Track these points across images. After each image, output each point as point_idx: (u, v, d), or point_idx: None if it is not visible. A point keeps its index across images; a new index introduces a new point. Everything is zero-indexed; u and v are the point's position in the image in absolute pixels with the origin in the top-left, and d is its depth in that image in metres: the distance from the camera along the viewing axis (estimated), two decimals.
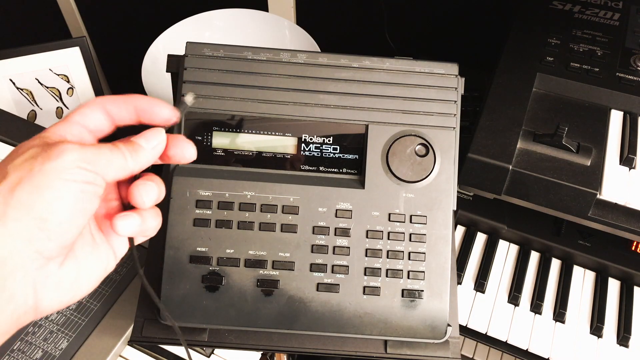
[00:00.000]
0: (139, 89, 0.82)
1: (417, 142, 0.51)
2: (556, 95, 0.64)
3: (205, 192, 0.50)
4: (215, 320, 0.49)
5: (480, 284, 0.69)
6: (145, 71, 0.80)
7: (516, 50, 0.68)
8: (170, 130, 0.37)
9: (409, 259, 0.50)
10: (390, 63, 0.52)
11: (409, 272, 0.50)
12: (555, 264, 0.71)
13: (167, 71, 0.53)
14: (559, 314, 0.66)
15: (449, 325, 0.50)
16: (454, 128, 0.52)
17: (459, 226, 0.75)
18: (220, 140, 0.51)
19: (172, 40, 0.84)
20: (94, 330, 0.56)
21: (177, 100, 0.52)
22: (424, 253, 0.50)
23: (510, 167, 0.57)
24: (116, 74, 1.15)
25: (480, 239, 0.74)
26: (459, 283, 0.69)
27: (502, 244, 0.74)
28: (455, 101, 0.52)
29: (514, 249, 0.73)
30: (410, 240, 0.50)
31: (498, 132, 0.59)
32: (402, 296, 0.50)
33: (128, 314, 0.57)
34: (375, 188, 0.51)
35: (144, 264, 0.53)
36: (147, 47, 0.82)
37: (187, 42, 0.52)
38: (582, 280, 0.70)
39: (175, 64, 0.52)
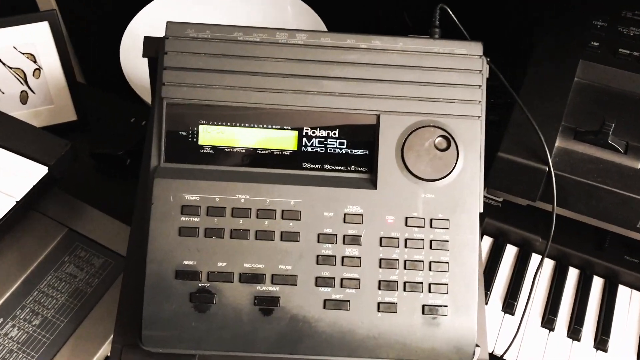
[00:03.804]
0: (117, 72, 0.84)
1: (437, 133, 0.54)
2: (601, 86, 0.65)
3: (192, 196, 0.52)
4: (205, 345, 0.50)
5: (509, 305, 0.70)
6: (124, 52, 0.81)
7: (555, 33, 0.69)
8: (149, 125, 0.39)
9: (430, 269, 0.53)
10: (404, 43, 0.55)
11: (430, 284, 0.52)
12: (597, 283, 0.72)
13: (144, 56, 0.56)
14: (601, 341, 0.67)
15: (477, 345, 0.52)
16: (479, 117, 0.55)
17: (485, 237, 0.77)
18: (208, 135, 0.54)
19: (156, 15, 0.85)
20: (60, 350, 0.57)
21: (157, 90, 0.54)
22: (447, 262, 0.53)
23: (547, 168, 0.59)
24: (91, 54, 1.14)
25: (510, 252, 0.75)
26: (485, 303, 0.71)
27: (536, 259, 0.75)
28: (480, 86, 0.55)
29: (549, 264, 0.74)
30: (430, 248, 0.53)
31: (533, 128, 0.61)
32: (423, 313, 0.52)
33: (100, 333, 0.59)
34: (389, 188, 0.53)
35: (122, 278, 0.55)
36: (127, 23, 0.83)
37: (167, 22, 0.54)
38: (629, 302, 0.71)
39: (153, 48, 0.55)
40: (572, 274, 0.74)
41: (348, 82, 0.54)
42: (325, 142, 0.55)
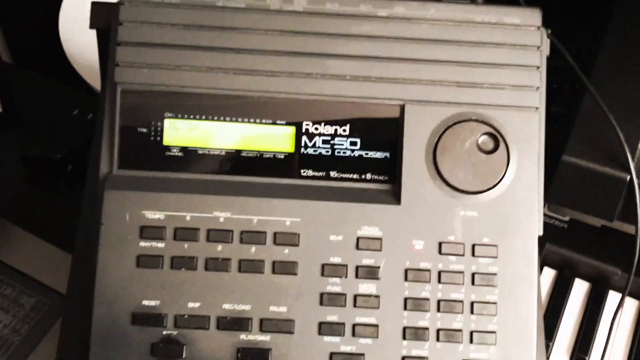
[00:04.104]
0: (55, 49, 0.84)
1: (481, 130, 0.54)
2: None
3: (155, 214, 0.52)
4: None
5: None
6: (65, 22, 0.82)
7: None
8: (98, 119, 0.39)
9: (472, 312, 0.53)
10: (436, 10, 0.55)
11: (471, 333, 0.52)
12: None
13: (91, 27, 0.56)
14: None
15: None
16: (537, 108, 0.55)
17: (546, 268, 0.77)
18: (177, 133, 0.54)
19: None
20: None
21: (109, 73, 0.54)
22: (495, 303, 0.53)
23: (628, 177, 0.59)
24: (21, 23, 1.13)
25: (580, 288, 0.75)
26: (547, 358, 0.70)
27: (614, 297, 0.75)
28: (538, 67, 0.55)
29: (632, 305, 0.75)
30: (472, 283, 0.53)
31: (609, 123, 0.61)
32: None
33: None
34: (417, 203, 0.54)
35: (61, 323, 0.55)
36: None
37: None
38: None
39: (104, 16, 0.55)
40: None
41: (362, 61, 0.55)
42: (331, 142, 0.55)
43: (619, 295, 0.74)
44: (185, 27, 0.54)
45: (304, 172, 0.55)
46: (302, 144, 0.55)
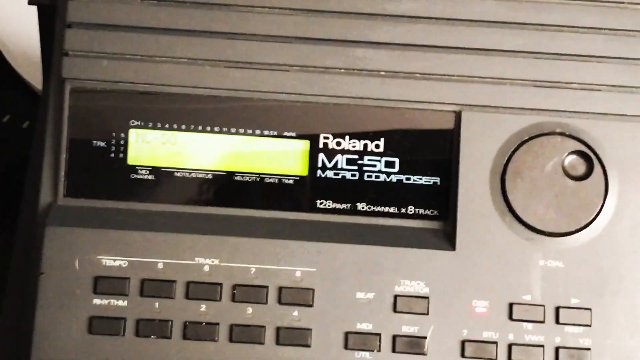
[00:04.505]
0: None
1: (569, 148, 0.56)
2: None
3: (115, 261, 0.54)
4: None
5: None
6: None
7: None
8: (38, 128, 0.39)
9: None
10: None
11: None
12: None
13: (30, 2, 0.58)
14: None
15: None
16: None
17: None
18: (146, 148, 0.56)
19: None
20: None
21: (54, 66, 0.56)
22: None
23: None
24: None
25: None
26: None
27: None
28: None
29: None
30: None
31: None
32: None
33: None
34: (479, 248, 0.55)
35: None
36: None
37: None
38: None
39: None
40: None
41: (401, 51, 0.56)
42: (359, 162, 0.56)
43: None
44: (159, 2, 0.55)
45: (321, 203, 0.56)
46: (319, 165, 0.56)
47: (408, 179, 0.56)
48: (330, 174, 0.56)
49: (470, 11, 0.56)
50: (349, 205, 0.56)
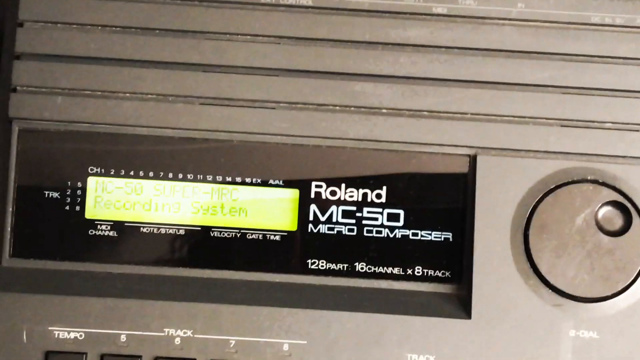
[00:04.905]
0: None
1: (602, 198, 0.52)
2: None
3: (70, 333, 0.50)
4: None
5: None
6: None
7: None
8: None
9: None
10: (527, 4, 0.53)
11: None
12: None
13: None
14: None
15: None
16: None
17: None
18: (107, 199, 0.52)
19: None
20: None
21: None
22: None
23: None
24: None
25: None
26: None
27: None
28: None
29: None
30: None
31: None
32: None
33: None
34: (499, 316, 0.51)
35: None
36: None
37: None
38: None
39: None
40: None
41: (407, 85, 0.53)
42: (358, 215, 0.53)
43: None
44: (124, 29, 0.53)
45: (313, 263, 0.53)
46: (311, 218, 0.53)
47: (415, 234, 0.53)
48: (323, 228, 0.53)
49: (486, 39, 0.53)
50: (345, 265, 0.53)
